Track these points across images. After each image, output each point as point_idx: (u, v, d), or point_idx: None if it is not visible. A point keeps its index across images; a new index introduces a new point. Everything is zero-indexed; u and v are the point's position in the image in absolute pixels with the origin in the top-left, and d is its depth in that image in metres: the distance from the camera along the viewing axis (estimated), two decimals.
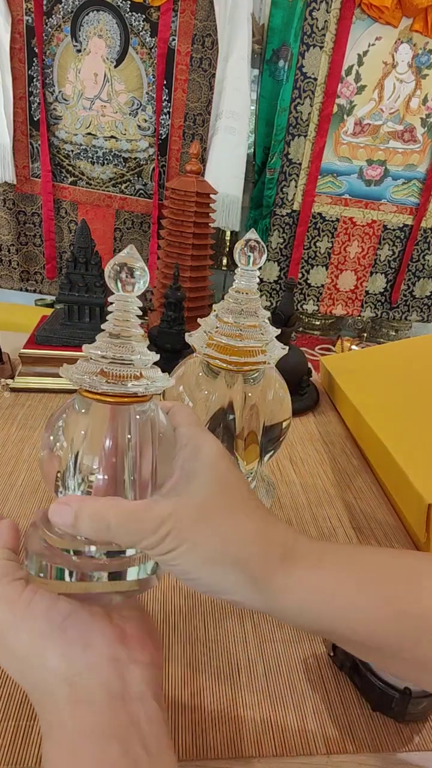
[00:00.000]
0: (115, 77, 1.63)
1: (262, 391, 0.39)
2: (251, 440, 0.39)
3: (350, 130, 1.74)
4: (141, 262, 0.25)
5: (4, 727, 0.28)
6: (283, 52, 1.58)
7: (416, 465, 0.47)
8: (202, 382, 0.39)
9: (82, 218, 1.25)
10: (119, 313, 0.25)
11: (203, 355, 0.36)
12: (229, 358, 0.35)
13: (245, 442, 0.39)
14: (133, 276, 0.24)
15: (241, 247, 0.34)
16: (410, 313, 2.06)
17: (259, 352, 0.36)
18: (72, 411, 0.25)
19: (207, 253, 1.15)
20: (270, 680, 0.33)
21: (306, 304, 2.00)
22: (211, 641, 0.35)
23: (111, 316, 0.25)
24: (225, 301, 0.37)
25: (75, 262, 0.63)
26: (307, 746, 0.29)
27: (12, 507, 0.44)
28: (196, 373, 0.39)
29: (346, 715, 0.31)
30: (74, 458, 0.25)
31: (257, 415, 0.38)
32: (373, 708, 0.31)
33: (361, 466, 0.57)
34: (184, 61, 1.61)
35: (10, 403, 0.61)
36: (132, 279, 0.24)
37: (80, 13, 1.54)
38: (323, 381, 0.76)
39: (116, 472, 0.24)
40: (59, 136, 1.70)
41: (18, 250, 1.83)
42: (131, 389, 0.24)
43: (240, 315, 0.36)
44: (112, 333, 0.24)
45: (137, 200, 1.80)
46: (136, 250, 0.25)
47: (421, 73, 1.67)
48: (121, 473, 0.24)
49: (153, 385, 0.24)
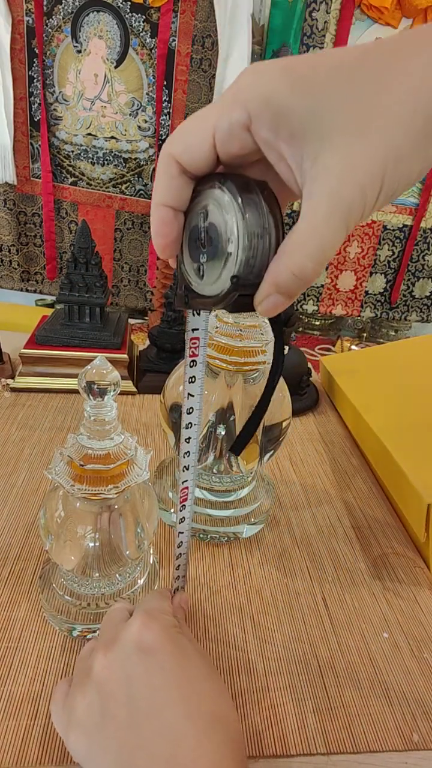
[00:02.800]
0: (116, 78, 1.63)
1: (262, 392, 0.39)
2: (251, 440, 0.39)
3: None
4: (113, 374, 0.28)
5: (4, 727, 0.28)
6: (283, 52, 1.58)
7: (416, 465, 0.47)
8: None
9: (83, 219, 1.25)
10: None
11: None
12: (229, 358, 0.35)
13: None
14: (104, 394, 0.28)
15: None
16: (410, 313, 2.06)
17: (259, 352, 0.36)
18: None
19: None
20: (270, 680, 0.33)
21: (306, 305, 2.00)
22: (211, 641, 0.35)
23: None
24: None
25: (75, 262, 0.63)
26: (307, 746, 0.29)
27: (12, 507, 0.44)
28: None
29: (346, 715, 0.31)
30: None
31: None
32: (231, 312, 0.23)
33: (360, 466, 0.57)
34: (184, 61, 1.61)
35: (10, 403, 0.61)
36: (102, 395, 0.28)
37: (80, 13, 1.54)
38: (323, 381, 0.76)
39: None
40: (59, 136, 1.70)
41: (18, 251, 1.83)
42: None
43: (240, 315, 0.36)
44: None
45: (137, 201, 1.80)
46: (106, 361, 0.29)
47: None
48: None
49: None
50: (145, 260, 1.88)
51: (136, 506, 0.32)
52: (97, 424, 0.29)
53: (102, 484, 0.28)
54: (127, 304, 1.97)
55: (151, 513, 0.33)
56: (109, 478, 0.29)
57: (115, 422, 0.30)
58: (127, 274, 1.92)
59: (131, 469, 0.30)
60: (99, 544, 0.31)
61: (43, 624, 0.34)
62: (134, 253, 1.88)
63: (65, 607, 0.34)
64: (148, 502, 0.33)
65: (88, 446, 0.29)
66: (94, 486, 0.28)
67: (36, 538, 0.41)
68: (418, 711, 0.32)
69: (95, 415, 0.29)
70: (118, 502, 0.31)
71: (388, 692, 0.33)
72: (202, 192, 0.21)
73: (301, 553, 0.43)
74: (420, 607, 0.39)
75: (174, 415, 0.40)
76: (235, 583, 0.39)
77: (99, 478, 0.29)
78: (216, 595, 0.38)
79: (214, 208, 0.21)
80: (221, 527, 0.43)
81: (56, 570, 0.35)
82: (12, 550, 0.40)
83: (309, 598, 0.39)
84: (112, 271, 1.91)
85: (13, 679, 0.31)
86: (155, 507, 0.34)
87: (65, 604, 0.34)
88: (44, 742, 0.28)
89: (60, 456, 0.30)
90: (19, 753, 0.27)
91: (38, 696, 0.30)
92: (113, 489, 0.29)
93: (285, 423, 0.40)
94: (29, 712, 0.29)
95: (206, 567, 0.41)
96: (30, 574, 0.38)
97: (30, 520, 0.43)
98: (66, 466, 0.29)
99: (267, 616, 0.37)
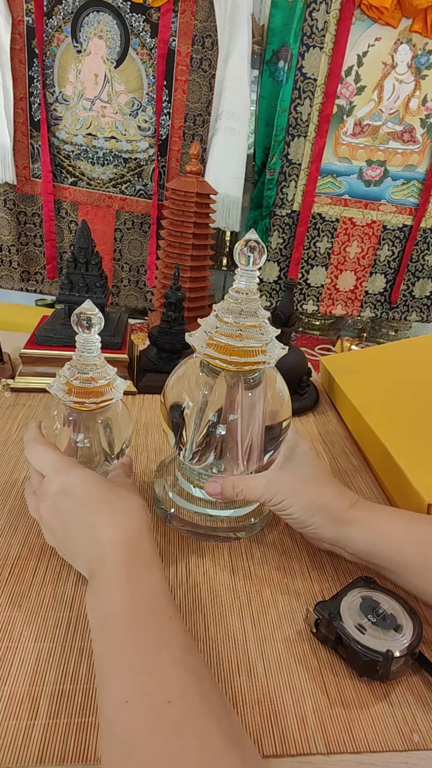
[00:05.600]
0: (116, 78, 1.63)
1: (263, 392, 0.39)
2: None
3: (350, 131, 1.74)
4: (98, 314, 0.37)
5: (4, 727, 0.28)
6: (282, 52, 1.58)
7: (416, 465, 0.47)
8: (202, 382, 0.39)
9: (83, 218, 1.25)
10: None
11: (203, 355, 0.36)
12: (229, 358, 0.35)
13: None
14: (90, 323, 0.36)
15: (240, 248, 0.34)
16: (410, 313, 2.06)
17: (259, 352, 0.36)
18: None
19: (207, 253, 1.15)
20: (270, 680, 0.33)
21: (306, 304, 2.00)
22: (211, 640, 0.35)
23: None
24: (225, 301, 0.37)
25: (75, 262, 0.63)
26: (307, 746, 0.29)
27: (13, 506, 0.44)
28: (196, 373, 0.39)
29: (346, 715, 0.31)
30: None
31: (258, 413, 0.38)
32: (360, 674, 0.33)
33: (360, 465, 0.57)
34: (184, 61, 1.61)
35: (10, 402, 0.61)
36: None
37: (80, 13, 1.54)
38: (323, 381, 0.76)
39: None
40: (60, 136, 1.70)
41: (18, 251, 1.83)
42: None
43: (240, 315, 0.36)
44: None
45: (137, 201, 1.80)
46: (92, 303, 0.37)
47: (420, 73, 1.67)
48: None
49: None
50: (145, 260, 1.88)
51: (113, 419, 0.41)
52: (86, 353, 0.37)
53: (86, 396, 0.37)
54: (127, 304, 1.97)
55: (126, 427, 0.42)
56: (93, 392, 0.38)
57: (99, 353, 0.38)
58: (127, 274, 1.92)
59: (110, 389, 0.38)
60: (85, 446, 0.40)
61: (43, 624, 0.34)
62: (134, 253, 1.88)
63: None
64: (123, 419, 0.42)
65: (79, 370, 0.38)
66: (81, 398, 0.37)
67: (36, 538, 0.41)
68: (418, 711, 0.32)
69: (84, 346, 0.37)
70: (102, 414, 0.40)
71: (389, 692, 0.33)
72: None
73: (301, 553, 0.43)
74: (419, 606, 0.39)
75: (174, 415, 0.40)
76: (235, 583, 0.39)
77: (85, 392, 0.37)
78: (216, 595, 0.38)
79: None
80: (221, 527, 0.43)
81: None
82: (12, 550, 0.40)
83: (309, 598, 0.39)
84: (112, 271, 1.91)
85: (13, 679, 0.31)
86: (129, 423, 0.43)
87: None
88: (44, 742, 0.28)
89: (58, 377, 0.38)
90: (19, 753, 0.27)
91: (38, 696, 0.30)
92: (93, 402, 0.38)
93: (285, 423, 0.40)
94: (29, 712, 0.29)
95: (206, 567, 0.41)
96: (30, 574, 0.38)
97: (30, 520, 0.43)
98: (62, 384, 0.37)
99: (267, 616, 0.37)
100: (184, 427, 0.39)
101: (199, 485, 0.43)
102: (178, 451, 0.41)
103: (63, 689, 0.30)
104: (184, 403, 0.39)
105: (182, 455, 0.40)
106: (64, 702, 0.30)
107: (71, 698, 0.30)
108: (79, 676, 0.31)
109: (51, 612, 0.35)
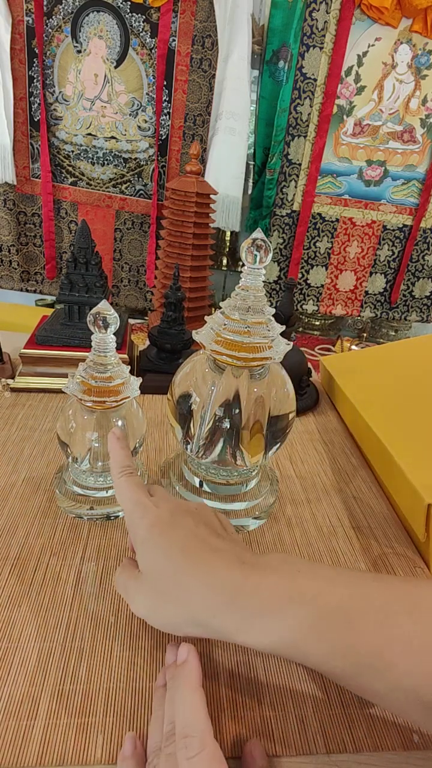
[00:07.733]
0: (116, 78, 1.63)
1: (268, 386, 0.39)
2: (256, 430, 0.39)
3: (350, 131, 1.75)
4: (114, 314, 0.38)
5: (4, 727, 0.28)
6: (282, 52, 1.58)
7: (416, 465, 0.47)
8: (210, 378, 0.39)
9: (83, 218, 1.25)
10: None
11: (211, 351, 0.36)
12: (237, 354, 0.35)
13: (250, 433, 0.39)
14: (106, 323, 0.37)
15: (248, 246, 0.35)
16: (410, 313, 2.06)
17: (265, 348, 0.37)
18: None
19: (207, 253, 1.15)
20: (270, 680, 0.33)
21: (306, 304, 2.00)
22: (211, 641, 0.34)
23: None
24: (232, 298, 0.38)
25: (75, 262, 0.63)
26: (307, 746, 0.29)
27: (13, 507, 0.44)
28: (203, 370, 0.40)
29: (346, 715, 0.31)
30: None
31: (263, 404, 0.39)
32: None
33: (360, 465, 0.57)
34: (184, 61, 1.61)
35: (10, 403, 0.61)
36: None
37: (80, 13, 1.55)
38: (323, 381, 0.76)
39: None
40: (59, 136, 1.70)
41: (18, 251, 1.83)
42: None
43: (247, 312, 0.37)
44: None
45: (137, 201, 1.80)
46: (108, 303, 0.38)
47: (420, 73, 1.67)
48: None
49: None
50: (145, 260, 1.88)
51: (128, 418, 0.42)
52: (101, 353, 0.39)
53: (107, 395, 0.38)
54: (127, 304, 1.97)
55: (140, 425, 0.43)
56: (109, 391, 0.39)
57: (114, 353, 0.39)
58: (127, 274, 1.92)
59: (126, 387, 0.40)
60: (99, 445, 0.41)
61: (43, 624, 0.34)
62: (134, 253, 1.88)
63: (76, 497, 0.44)
64: (137, 418, 0.43)
65: (96, 369, 0.39)
66: (101, 396, 0.38)
67: (36, 538, 0.41)
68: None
69: (100, 345, 0.38)
70: (118, 413, 0.41)
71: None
72: None
73: (300, 552, 0.43)
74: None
75: (182, 407, 0.40)
76: None
77: (103, 391, 0.38)
78: None
79: None
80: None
81: (68, 470, 0.45)
82: (12, 550, 0.40)
83: None
84: (112, 271, 1.91)
85: (13, 679, 0.31)
86: (143, 421, 0.44)
87: (76, 495, 0.44)
88: (44, 742, 0.28)
89: (72, 378, 0.39)
90: (18, 753, 0.27)
91: (38, 696, 0.30)
92: (114, 400, 0.39)
93: (291, 415, 0.41)
94: (29, 712, 0.29)
95: None
96: (30, 574, 0.38)
97: (30, 520, 0.43)
98: (78, 384, 0.39)
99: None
100: (192, 422, 0.39)
101: (205, 479, 0.44)
102: (185, 445, 0.41)
103: (63, 689, 0.30)
104: (191, 398, 0.40)
105: (189, 449, 0.41)
106: (64, 702, 0.30)
107: (71, 698, 0.30)
108: (79, 676, 0.31)
109: (51, 612, 0.35)
